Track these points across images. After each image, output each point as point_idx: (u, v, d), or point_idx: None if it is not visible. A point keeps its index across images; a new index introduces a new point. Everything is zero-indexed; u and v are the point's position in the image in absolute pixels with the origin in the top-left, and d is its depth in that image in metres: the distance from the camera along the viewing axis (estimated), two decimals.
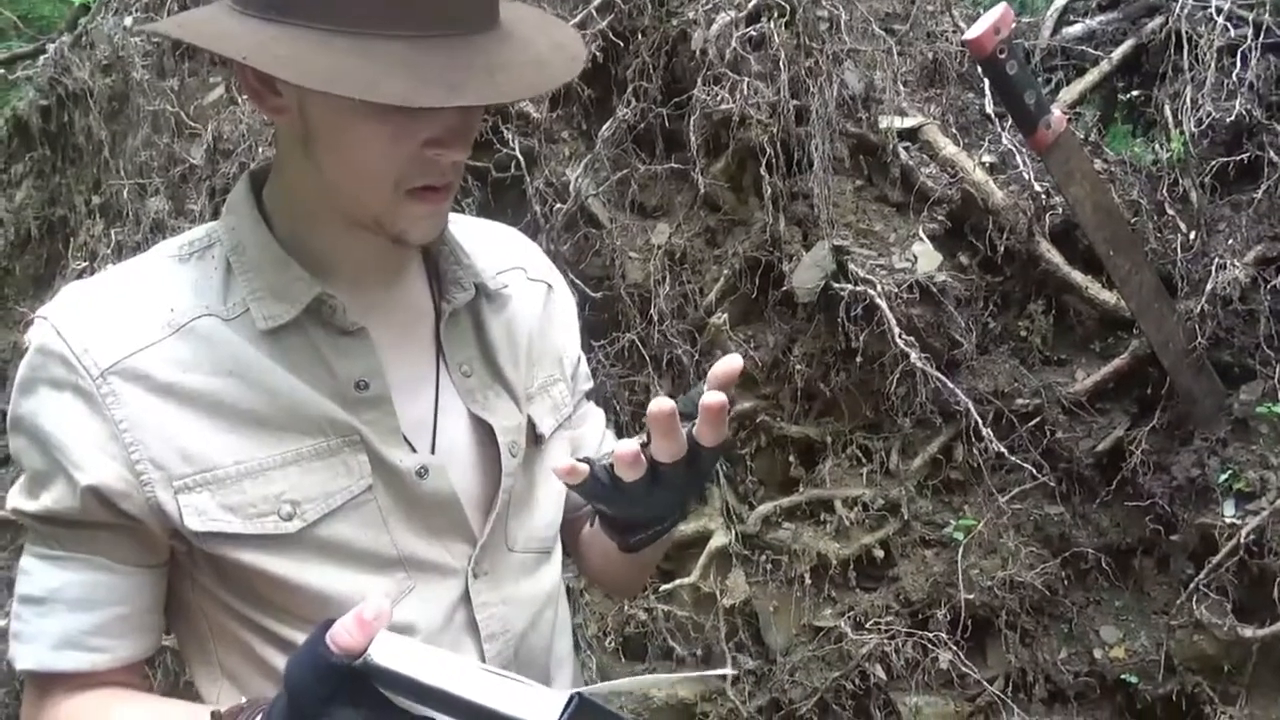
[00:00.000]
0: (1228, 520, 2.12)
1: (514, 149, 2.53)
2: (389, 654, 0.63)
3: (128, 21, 3.09)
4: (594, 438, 1.15)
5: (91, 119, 3.05)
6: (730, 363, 0.77)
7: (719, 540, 2.51)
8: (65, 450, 0.79)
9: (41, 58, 3.27)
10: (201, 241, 0.88)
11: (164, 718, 0.84)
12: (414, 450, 0.89)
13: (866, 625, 2.40)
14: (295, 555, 0.83)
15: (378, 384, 0.86)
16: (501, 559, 0.96)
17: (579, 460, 0.80)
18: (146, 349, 0.81)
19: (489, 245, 1.03)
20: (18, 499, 0.85)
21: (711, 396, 0.75)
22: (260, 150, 2.66)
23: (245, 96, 0.91)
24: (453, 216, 1.02)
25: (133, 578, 0.84)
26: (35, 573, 0.83)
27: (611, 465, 0.79)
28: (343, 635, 0.63)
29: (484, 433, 0.94)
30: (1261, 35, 2.32)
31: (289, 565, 0.83)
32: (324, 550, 0.84)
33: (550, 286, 1.08)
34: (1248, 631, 2.08)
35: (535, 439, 0.99)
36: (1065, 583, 2.35)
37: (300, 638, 0.81)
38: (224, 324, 0.83)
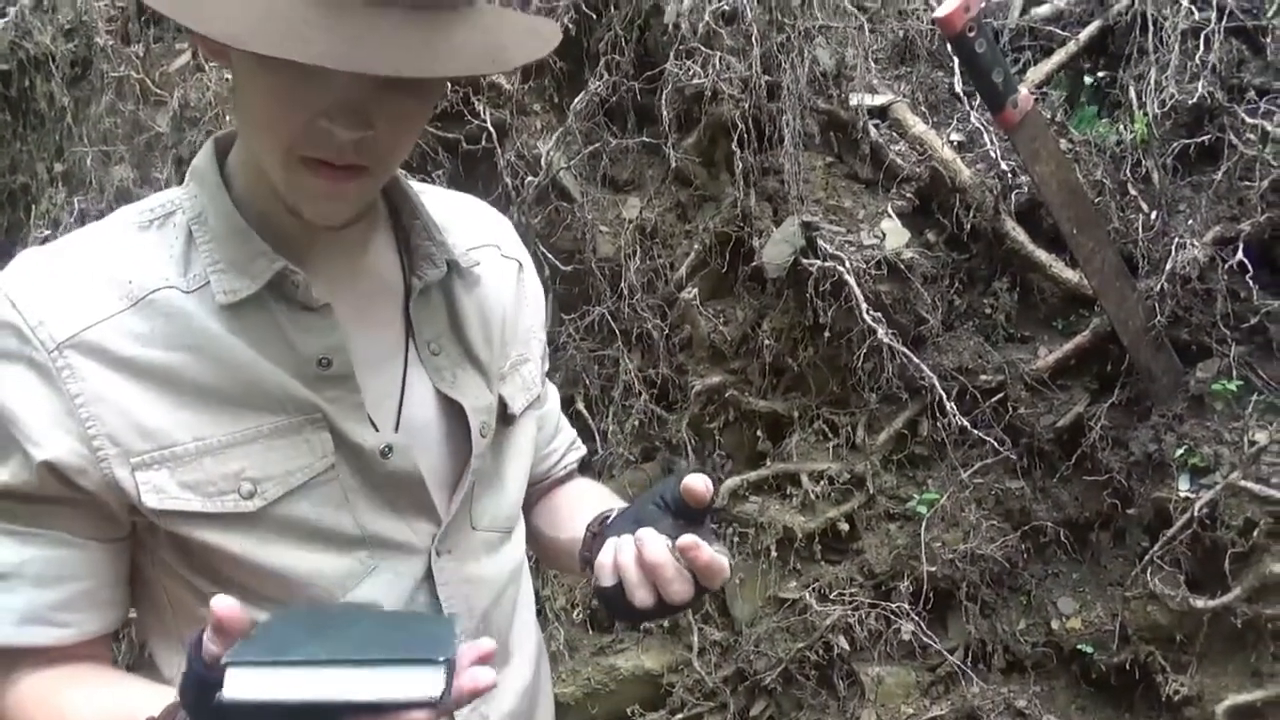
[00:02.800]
0: (1182, 494, 2.17)
1: (485, 121, 2.52)
2: (244, 686, 0.60)
3: None
4: (554, 414, 1.17)
5: (54, 85, 2.99)
6: (697, 484, 0.81)
7: None
8: (19, 425, 0.77)
9: (1, 21, 3.19)
10: (163, 208, 0.86)
11: (105, 708, 0.82)
12: (377, 429, 0.87)
13: (831, 597, 2.43)
14: (255, 534, 0.82)
15: (340, 361, 0.84)
16: (465, 538, 0.95)
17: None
18: (104, 321, 0.79)
19: (463, 219, 1.01)
20: None
21: (709, 560, 0.78)
22: (228, 118, 2.63)
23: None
24: (426, 188, 1.00)
25: (95, 552, 0.83)
26: None
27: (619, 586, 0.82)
28: (209, 647, 0.64)
29: (453, 412, 0.92)
30: (1224, 18, 2.35)
31: (248, 544, 0.82)
32: (284, 529, 0.83)
33: (521, 265, 1.06)
34: (1199, 602, 2.14)
35: (506, 419, 0.98)
36: (1025, 555, 2.40)
37: (260, 615, 0.81)
38: (184, 296, 0.81)
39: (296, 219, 0.84)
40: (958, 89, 2.51)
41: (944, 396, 2.29)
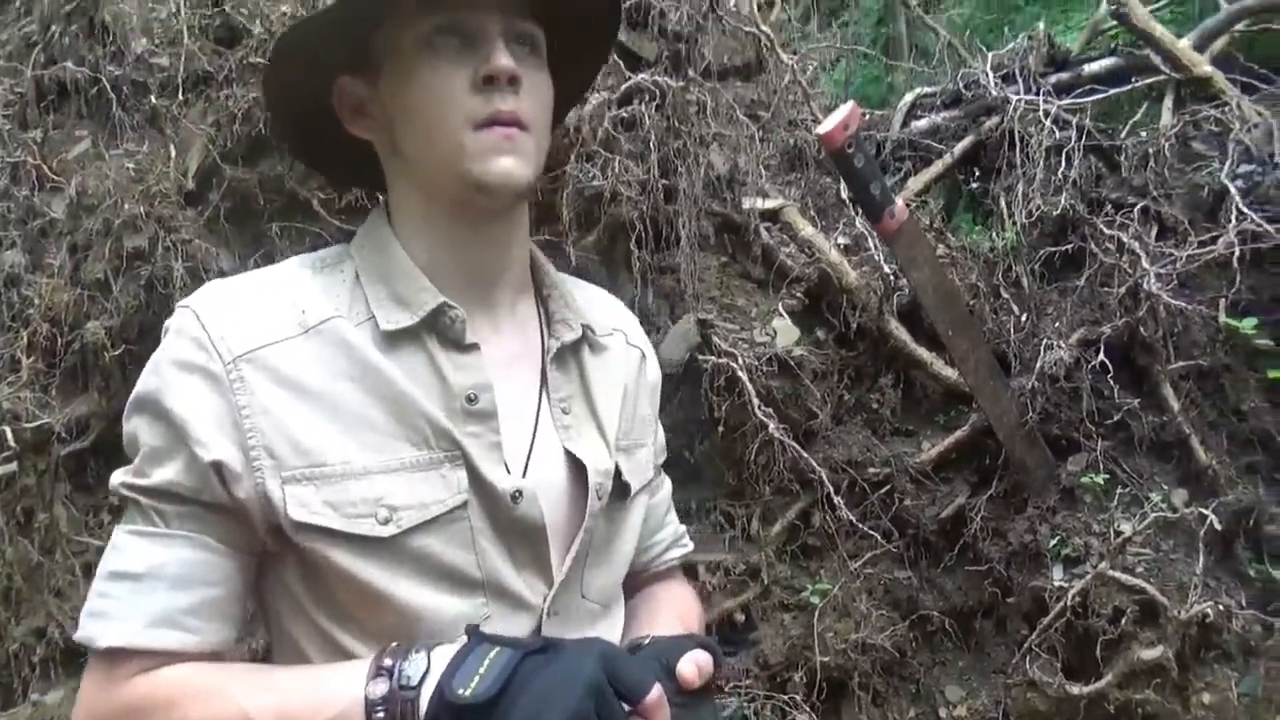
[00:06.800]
0: (1056, 584, 2.27)
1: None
2: None
3: None
4: (663, 506, 1.19)
5: None
6: (687, 673, 0.86)
7: None
8: (189, 427, 0.81)
9: None
10: (334, 258, 0.94)
11: (283, 684, 0.82)
12: (508, 473, 0.90)
13: (726, 689, 2.45)
14: (385, 562, 0.84)
15: (486, 399, 0.90)
16: (574, 604, 0.96)
17: None
18: (278, 343, 0.85)
19: (594, 305, 1.08)
20: (126, 476, 0.85)
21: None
22: (126, 206, 2.61)
23: (348, 125, 0.97)
24: (567, 278, 1.08)
25: (231, 561, 0.85)
26: (131, 550, 0.83)
27: None
28: None
29: (575, 472, 0.96)
30: (1083, 137, 2.56)
31: (377, 571, 0.84)
32: (413, 561, 0.85)
33: (644, 355, 1.12)
34: (1075, 689, 2.23)
35: (621, 488, 1.01)
36: (913, 644, 2.47)
37: (366, 652, 0.83)
38: (351, 328, 0.87)
39: (445, 266, 0.92)
40: (844, 195, 2.65)
41: (833, 491, 2.36)
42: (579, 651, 0.78)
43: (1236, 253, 2.31)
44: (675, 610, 1.12)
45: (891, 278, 2.49)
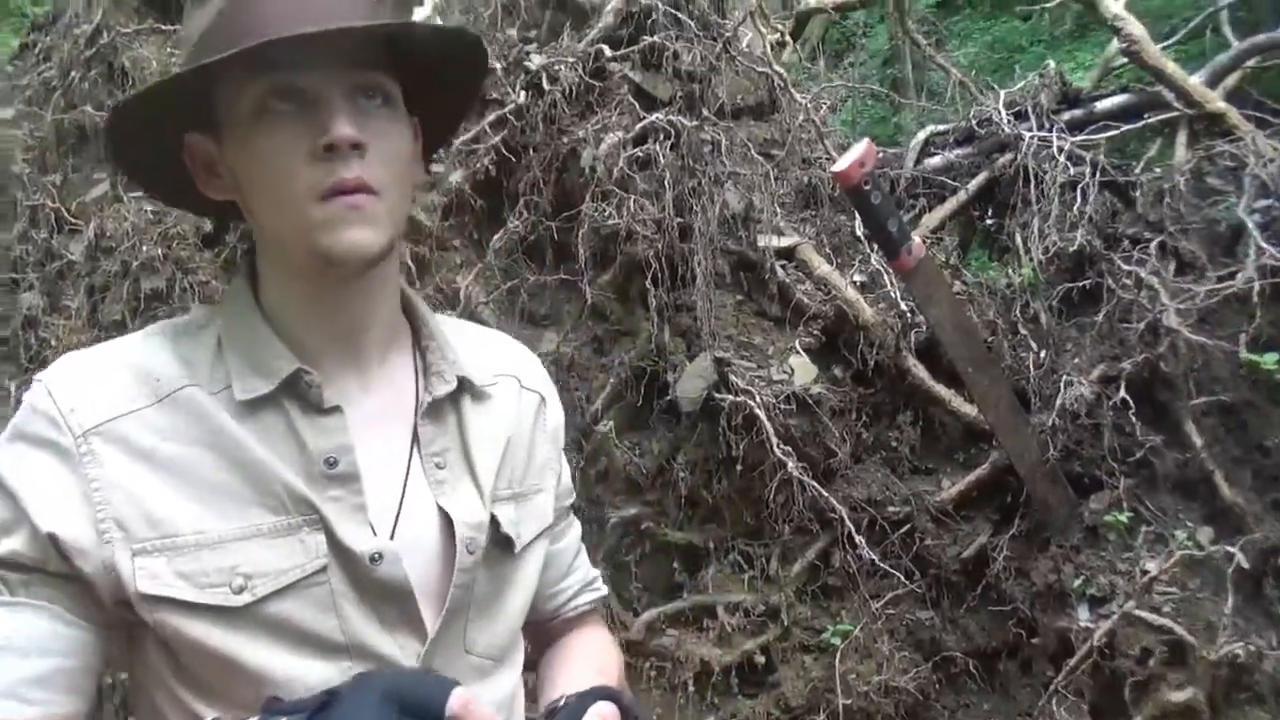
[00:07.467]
0: (1082, 624, 2.23)
1: (404, 256, 2.57)
2: None
3: (7, 113, 3.05)
4: (569, 552, 1.15)
5: None
6: None
7: None
8: (31, 500, 0.81)
9: None
10: (198, 322, 0.93)
11: None
12: (374, 534, 0.89)
13: None
14: (240, 631, 0.83)
15: (347, 461, 0.88)
16: (456, 660, 0.94)
17: None
18: (130, 414, 0.84)
19: (484, 350, 1.04)
20: None
21: None
22: (144, 249, 2.63)
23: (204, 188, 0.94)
24: (461, 323, 1.06)
25: (80, 633, 0.84)
26: None
27: None
28: None
29: (449, 527, 0.93)
30: (1098, 173, 2.56)
31: (232, 641, 0.82)
32: (269, 628, 0.84)
33: (543, 398, 1.07)
34: None
35: (500, 540, 0.98)
36: (937, 686, 2.42)
37: None
38: (207, 396, 0.86)
39: (309, 326, 0.90)
40: (859, 232, 2.65)
41: (853, 529, 2.34)
42: (357, 693, 0.77)
43: (1256, 287, 2.30)
44: (591, 661, 1.10)
45: (908, 315, 2.48)
